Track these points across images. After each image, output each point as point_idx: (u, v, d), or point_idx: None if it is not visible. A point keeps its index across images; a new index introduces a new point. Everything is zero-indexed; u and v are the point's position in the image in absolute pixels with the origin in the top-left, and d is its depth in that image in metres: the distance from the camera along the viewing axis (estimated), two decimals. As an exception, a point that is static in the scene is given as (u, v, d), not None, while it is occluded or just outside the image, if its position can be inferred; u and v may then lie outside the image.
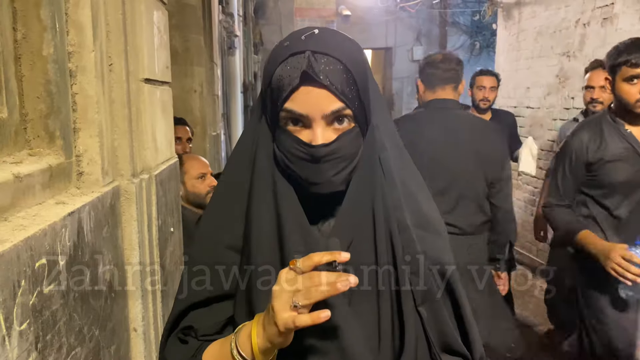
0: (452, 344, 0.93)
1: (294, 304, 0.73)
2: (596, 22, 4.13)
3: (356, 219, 0.87)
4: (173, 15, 3.62)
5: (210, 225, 0.96)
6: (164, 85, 1.78)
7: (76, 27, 1.22)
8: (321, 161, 0.83)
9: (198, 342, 0.91)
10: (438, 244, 0.95)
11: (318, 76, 0.80)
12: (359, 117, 0.86)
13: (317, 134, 0.82)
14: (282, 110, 0.83)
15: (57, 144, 1.17)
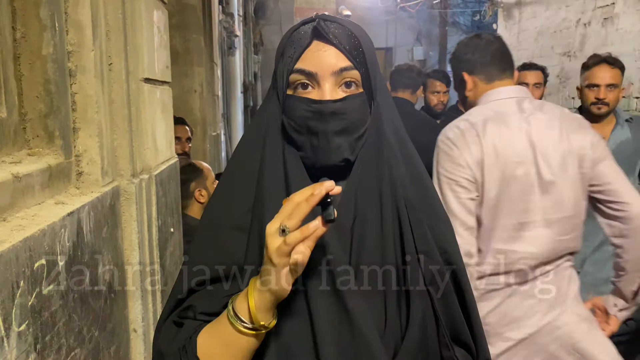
0: (462, 333, 0.91)
1: (282, 228, 0.73)
2: (597, 22, 4.12)
3: (363, 193, 0.87)
4: (173, 16, 3.61)
5: (217, 206, 0.95)
6: (164, 85, 1.78)
7: (76, 27, 1.21)
8: (329, 118, 0.83)
9: (194, 323, 0.86)
10: (443, 231, 0.94)
11: (327, 35, 0.84)
12: (366, 86, 0.88)
13: (325, 90, 0.84)
14: (293, 72, 0.85)
15: (57, 143, 1.16)
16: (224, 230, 0.90)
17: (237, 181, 0.92)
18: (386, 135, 0.90)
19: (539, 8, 5.09)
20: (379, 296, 0.86)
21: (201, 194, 2.49)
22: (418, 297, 0.87)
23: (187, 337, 0.85)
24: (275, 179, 0.87)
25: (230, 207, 0.91)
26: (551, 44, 4.82)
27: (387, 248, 0.86)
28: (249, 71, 8.49)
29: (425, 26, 10.89)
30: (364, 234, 0.86)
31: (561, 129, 1.63)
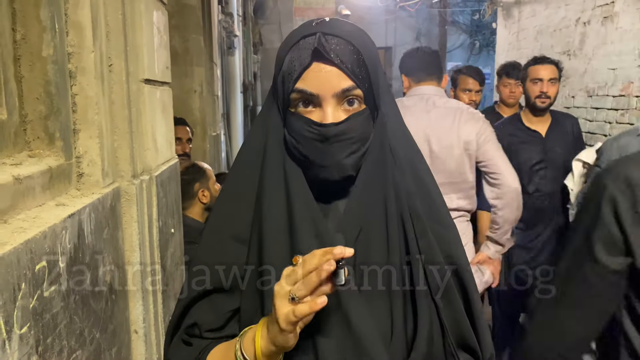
0: (467, 338, 0.91)
1: (292, 296, 0.73)
2: (596, 20, 4.12)
3: (367, 205, 0.86)
4: (173, 16, 3.61)
5: (219, 217, 0.95)
6: (164, 86, 1.78)
7: (76, 28, 1.21)
8: (331, 141, 0.82)
9: (203, 342, 0.89)
10: (449, 237, 0.94)
11: (329, 54, 0.81)
12: (369, 100, 0.86)
13: (327, 112, 0.82)
14: (293, 91, 0.83)
15: (57, 145, 1.16)
16: (226, 240, 0.91)
17: (238, 191, 0.93)
18: (391, 146, 0.89)
19: (539, 7, 5.09)
20: (385, 309, 0.87)
21: (204, 194, 2.49)
22: (425, 308, 0.87)
23: (196, 356, 0.89)
24: (275, 192, 0.87)
25: (232, 218, 0.92)
26: (551, 42, 4.82)
27: (393, 259, 0.87)
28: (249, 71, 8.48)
29: (425, 25, 10.89)
30: (369, 247, 0.86)
31: (454, 120, 2.26)
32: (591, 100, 4.18)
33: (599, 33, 4.08)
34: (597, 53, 4.11)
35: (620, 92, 3.80)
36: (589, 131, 4.19)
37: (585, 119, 4.26)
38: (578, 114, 4.34)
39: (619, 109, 3.81)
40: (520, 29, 5.45)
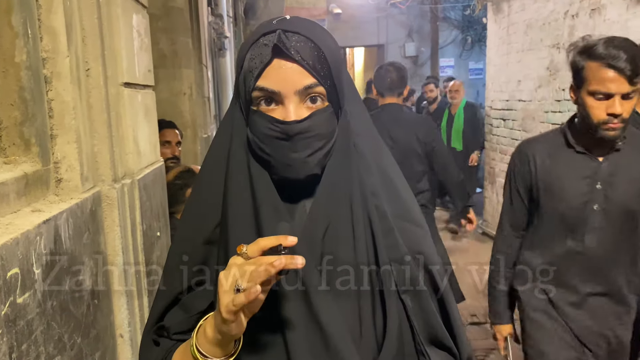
0: (441, 337, 0.91)
1: (237, 287, 0.72)
2: (584, 13, 4.12)
3: (332, 203, 0.86)
4: (160, 18, 3.60)
5: (187, 222, 0.95)
6: (146, 89, 1.77)
7: (49, 33, 1.21)
8: (295, 139, 0.81)
9: (170, 343, 0.90)
10: (418, 235, 0.93)
11: (289, 51, 0.80)
12: (332, 98, 0.85)
13: (289, 110, 0.81)
14: (255, 89, 0.82)
15: (33, 151, 1.16)
16: (196, 245, 0.91)
17: (205, 196, 0.92)
18: (355, 144, 0.88)
19: (528, 1, 5.09)
20: (354, 307, 0.86)
21: None
22: (393, 306, 0.87)
23: (162, 357, 0.89)
24: (240, 194, 0.86)
25: (200, 222, 0.92)
26: (540, 36, 4.83)
27: (360, 258, 0.86)
28: (241, 72, 8.46)
29: (417, 22, 10.88)
30: (336, 245, 0.85)
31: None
32: (581, 93, 4.18)
33: (587, 25, 4.09)
34: (585, 45, 4.11)
35: (609, 84, 3.81)
36: (580, 124, 4.20)
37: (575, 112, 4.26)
38: (569, 107, 4.35)
39: (609, 100, 3.82)
40: (510, 23, 5.45)
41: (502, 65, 5.64)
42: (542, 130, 4.78)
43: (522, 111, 5.19)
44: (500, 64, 5.68)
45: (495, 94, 5.73)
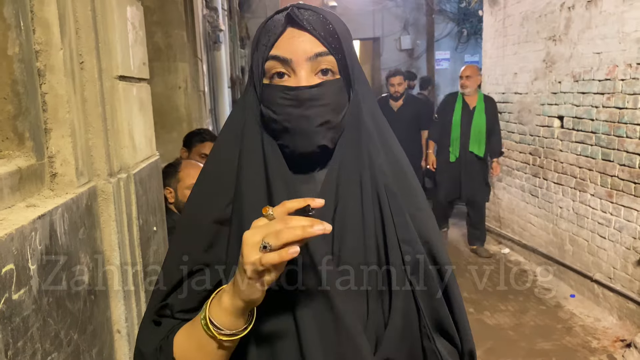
0: (445, 325, 0.90)
1: (264, 244, 0.70)
2: (581, 5, 4.11)
3: (344, 181, 0.86)
4: (154, 12, 3.57)
5: (198, 199, 0.93)
6: (141, 82, 1.75)
7: (42, 25, 1.19)
8: (306, 105, 0.83)
9: (172, 322, 0.87)
10: (425, 220, 0.93)
11: (301, 22, 0.83)
12: (343, 73, 0.87)
13: (301, 76, 0.83)
14: (268, 59, 0.85)
15: (27, 145, 1.14)
16: (204, 224, 0.89)
17: (217, 175, 0.91)
18: (365, 124, 0.89)
19: (524, -7, 5.07)
20: (361, 287, 0.86)
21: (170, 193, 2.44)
22: (400, 285, 0.86)
23: (164, 336, 0.85)
24: (254, 171, 0.86)
25: (210, 201, 0.90)
26: (536, 28, 4.81)
27: (369, 237, 0.86)
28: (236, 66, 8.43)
29: (412, 15, 10.83)
30: (345, 222, 0.85)
31: None
32: (577, 85, 4.18)
33: (584, 17, 4.08)
34: (582, 37, 4.10)
35: (605, 76, 3.80)
36: (576, 116, 4.19)
37: (572, 104, 4.26)
38: (565, 99, 4.35)
39: (605, 93, 3.82)
40: (506, 16, 5.43)
41: (498, 58, 5.62)
42: (539, 123, 4.78)
43: (518, 104, 5.19)
44: (496, 56, 5.66)
45: (492, 86, 5.72)
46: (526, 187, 5.05)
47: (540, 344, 3.53)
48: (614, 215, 3.77)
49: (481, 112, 4.99)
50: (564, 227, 4.40)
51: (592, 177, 4.01)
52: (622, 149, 3.66)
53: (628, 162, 3.61)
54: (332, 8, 10.37)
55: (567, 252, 4.36)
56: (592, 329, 3.70)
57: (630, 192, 3.59)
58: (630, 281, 3.62)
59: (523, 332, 3.69)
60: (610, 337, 3.57)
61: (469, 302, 4.09)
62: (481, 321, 3.83)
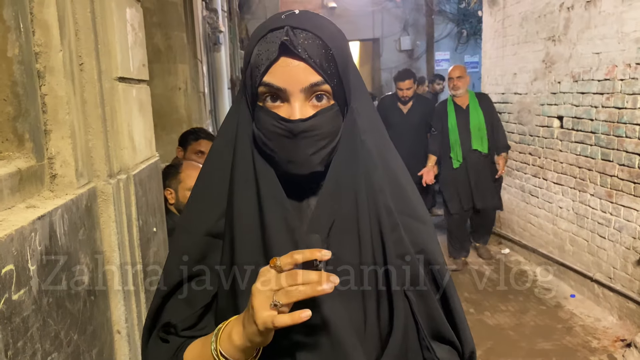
0: (444, 332, 0.91)
1: (274, 302, 0.72)
2: (580, 5, 4.11)
3: (337, 200, 0.86)
4: (154, 13, 3.58)
5: (191, 212, 0.94)
6: (140, 84, 1.76)
7: (42, 27, 1.19)
8: (299, 137, 0.81)
9: (179, 340, 0.89)
10: (423, 233, 0.93)
11: (296, 49, 0.79)
12: (338, 95, 0.84)
13: (295, 108, 0.81)
14: (261, 85, 0.82)
15: (27, 146, 1.14)
16: (198, 237, 0.91)
17: (209, 188, 0.92)
18: (361, 141, 0.88)
19: (523, -7, 5.07)
20: (358, 304, 0.86)
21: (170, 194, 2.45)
22: (400, 303, 0.87)
23: (173, 354, 0.88)
24: (246, 188, 0.86)
25: (203, 214, 0.91)
26: (536, 29, 4.82)
27: (365, 255, 0.86)
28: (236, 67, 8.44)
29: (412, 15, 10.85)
30: (341, 242, 0.85)
31: None
32: (577, 85, 4.18)
33: (583, 17, 4.08)
34: (581, 37, 4.11)
35: (605, 76, 3.81)
36: (576, 116, 4.20)
37: (571, 104, 4.26)
38: (564, 100, 4.35)
39: (604, 93, 3.82)
40: (505, 16, 5.44)
41: (497, 58, 5.63)
42: (538, 123, 4.79)
43: (517, 104, 5.19)
44: (495, 56, 5.67)
45: (491, 87, 5.72)
46: (526, 187, 5.05)
47: (540, 344, 3.53)
48: (614, 215, 3.77)
49: (476, 108, 4.78)
50: (564, 227, 4.40)
51: (591, 177, 4.02)
52: (622, 149, 3.66)
53: (627, 162, 3.61)
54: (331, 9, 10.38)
55: (567, 252, 4.36)
56: (592, 328, 3.70)
57: (630, 192, 3.59)
58: (630, 281, 3.62)
59: (523, 332, 3.69)
60: (611, 337, 3.57)
61: (469, 302, 4.09)
62: (481, 321, 3.83)
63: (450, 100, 4.87)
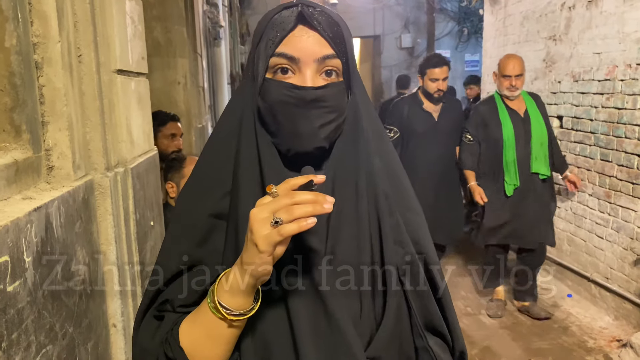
0: (436, 323, 0.91)
1: (275, 219, 0.70)
2: (581, 5, 4.11)
3: (339, 183, 0.86)
4: (154, 7, 3.57)
5: (194, 193, 0.92)
6: (139, 77, 1.75)
7: (40, 17, 1.18)
8: (309, 106, 0.82)
9: (175, 315, 0.86)
10: (417, 223, 0.94)
11: (312, 21, 0.83)
12: (345, 75, 0.87)
13: (306, 76, 0.82)
14: (274, 55, 0.83)
15: (24, 137, 1.14)
16: (199, 218, 0.88)
17: (213, 167, 0.91)
18: (363, 127, 0.89)
19: (524, -8, 5.06)
20: (353, 282, 0.86)
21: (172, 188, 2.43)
22: (394, 286, 0.86)
23: (168, 329, 0.85)
24: (249, 165, 0.85)
25: (205, 195, 0.89)
26: (537, 28, 4.81)
27: (363, 239, 0.86)
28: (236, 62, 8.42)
29: (413, 13, 10.83)
30: (340, 225, 0.85)
31: None
32: (577, 85, 4.18)
33: (584, 17, 4.07)
34: (582, 37, 4.10)
35: (605, 76, 3.80)
36: (575, 116, 4.19)
37: (571, 104, 4.26)
38: (564, 99, 4.34)
39: (605, 93, 3.82)
40: (506, 15, 5.43)
41: (498, 57, 5.60)
42: (538, 123, 4.77)
43: (517, 103, 5.18)
44: (496, 55, 5.65)
45: (492, 85, 5.71)
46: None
47: (536, 343, 3.54)
48: (612, 216, 3.77)
49: (537, 116, 3.63)
50: (562, 227, 4.41)
51: (590, 177, 4.01)
52: (621, 150, 3.66)
53: (626, 162, 3.61)
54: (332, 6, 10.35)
55: (565, 252, 4.36)
56: (589, 328, 3.70)
57: (629, 193, 3.59)
58: (627, 281, 3.62)
59: (520, 331, 3.69)
60: (607, 337, 3.57)
61: (468, 302, 4.09)
62: (478, 320, 3.83)
63: (500, 101, 3.69)
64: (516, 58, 3.67)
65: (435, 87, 3.71)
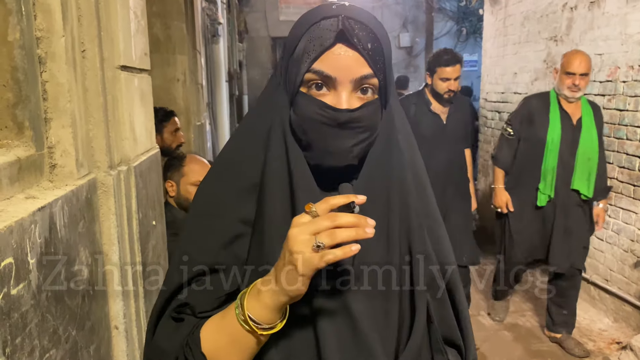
0: (453, 335, 0.91)
1: (317, 244, 0.69)
2: (583, 5, 4.09)
3: (370, 197, 0.83)
4: (154, 3, 3.53)
5: (216, 196, 0.89)
6: (142, 73, 1.71)
7: (44, 11, 1.15)
8: (343, 127, 0.80)
9: (194, 320, 0.84)
10: (439, 234, 0.93)
11: (353, 39, 0.79)
12: (381, 91, 0.84)
13: (342, 97, 0.80)
14: (309, 71, 0.80)
15: (27, 134, 1.10)
16: (225, 220, 0.86)
17: (240, 170, 0.87)
18: (397, 141, 0.87)
19: (525, -8, 5.05)
20: (381, 299, 0.85)
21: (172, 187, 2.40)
22: (421, 301, 0.86)
23: (188, 332, 0.82)
24: (278, 178, 0.83)
25: (232, 198, 0.86)
26: (538, 28, 4.79)
27: (392, 251, 0.85)
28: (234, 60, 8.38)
29: (412, 12, 10.81)
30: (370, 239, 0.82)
31: None
32: (578, 86, 4.16)
33: (586, 18, 4.06)
34: (584, 38, 4.09)
35: (607, 78, 3.79)
36: (576, 117, 4.18)
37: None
38: (565, 100, 4.33)
39: (606, 94, 3.80)
40: (507, 15, 5.41)
41: (498, 57, 5.60)
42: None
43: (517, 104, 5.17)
44: (496, 55, 5.65)
45: (491, 86, 5.70)
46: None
47: (536, 345, 3.53)
48: (612, 218, 3.76)
49: (591, 127, 3.18)
50: (561, 228, 4.40)
51: (590, 178, 4.00)
52: (622, 151, 3.65)
53: (628, 164, 3.60)
54: (331, 4, 10.31)
55: (564, 253, 4.36)
56: (588, 330, 3.70)
57: (630, 195, 3.58)
58: (627, 284, 3.62)
59: (519, 332, 3.69)
60: (606, 339, 3.57)
61: (465, 302, 4.08)
62: (477, 321, 3.82)
63: (555, 100, 3.25)
64: (583, 55, 3.14)
65: (445, 87, 3.22)
